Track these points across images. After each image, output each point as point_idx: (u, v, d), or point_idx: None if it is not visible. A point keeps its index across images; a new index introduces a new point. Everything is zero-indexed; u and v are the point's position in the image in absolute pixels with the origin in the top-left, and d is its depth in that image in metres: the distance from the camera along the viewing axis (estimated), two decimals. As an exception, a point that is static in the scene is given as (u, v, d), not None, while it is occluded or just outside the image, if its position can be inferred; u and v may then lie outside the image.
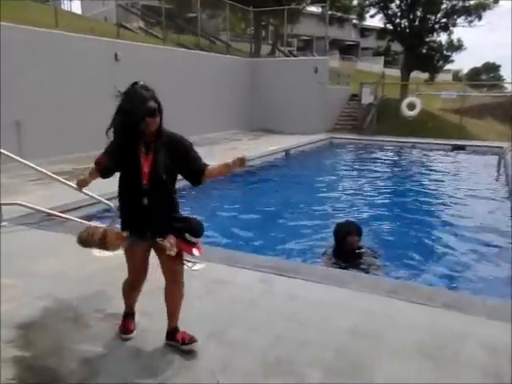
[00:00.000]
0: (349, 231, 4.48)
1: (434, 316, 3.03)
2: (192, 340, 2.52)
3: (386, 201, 7.94)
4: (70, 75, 9.95)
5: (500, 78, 42.07)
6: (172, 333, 2.57)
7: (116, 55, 11.15)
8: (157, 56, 12.70)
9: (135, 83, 2.36)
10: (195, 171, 2.47)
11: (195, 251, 2.44)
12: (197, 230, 2.44)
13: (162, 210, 2.43)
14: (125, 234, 2.46)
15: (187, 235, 2.40)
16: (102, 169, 2.50)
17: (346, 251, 4.46)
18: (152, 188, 2.38)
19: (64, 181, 5.41)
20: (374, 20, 25.24)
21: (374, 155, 13.61)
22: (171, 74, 13.01)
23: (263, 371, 2.39)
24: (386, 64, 33.29)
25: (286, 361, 2.48)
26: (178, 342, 2.52)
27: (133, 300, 2.72)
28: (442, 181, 9.92)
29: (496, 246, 5.39)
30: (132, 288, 2.66)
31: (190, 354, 2.49)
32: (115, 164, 2.45)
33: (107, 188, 6.57)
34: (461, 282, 4.39)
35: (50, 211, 5.24)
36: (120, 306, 3.03)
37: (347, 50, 42.54)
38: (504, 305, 3.33)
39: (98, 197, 5.49)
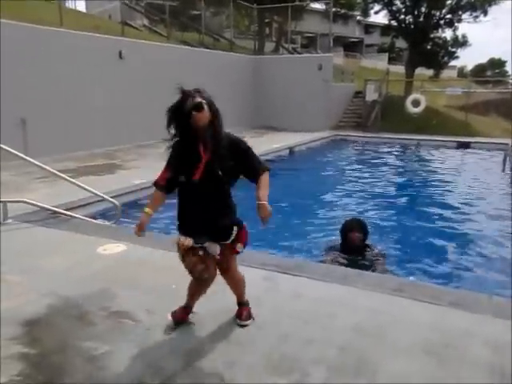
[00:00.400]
0: (351, 228, 4.55)
1: (438, 314, 3.01)
2: (247, 318, 2.80)
3: (391, 198, 7.92)
4: (74, 73, 9.98)
5: (505, 74, 41.79)
6: (238, 306, 2.85)
7: (120, 53, 11.17)
8: (161, 54, 12.71)
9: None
10: (252, 170, 2.57)
11: (239, 247, 2.62)
12: (246, 241, 2.63)
13: (217, 211, 2.50)
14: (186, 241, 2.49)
15: (238, 245, 2.58)
16: (166, 184, 2.52)
17: (350, 247, 4.51)
18: (206, 184, 2.44)
19: (68, 178, 5.44)
20: (379, 16, 25.21)
21: (378, 152, 13.56)
22: (175, 72, 12.99)
23: (268, 369, 2.39)
24: (391, 61, 33.15)
25: (290, 358, 2.48)
26: (237, 317, 2.81)
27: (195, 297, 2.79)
28: (448, 178, 9.87)
29: (502, 244, 5.36)
30: (198, 286, 2.71)
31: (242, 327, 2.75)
32: (177, 170, 2.49)
33: (113, 186, 6.64)
34: (467, 280, 4.37)
35: (55, 209, 5.26)
36: (124, 304, 3.05)
37: (351, 47, 42.39)
38: (509, 303, 3.32)
39: (102, 195, 5.51)
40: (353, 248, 4.50)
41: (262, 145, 12.30)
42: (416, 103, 16.21)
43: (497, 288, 4.11)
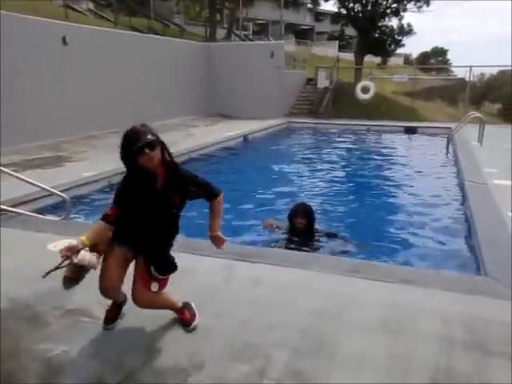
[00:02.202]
0: (295, 213, 4.68)
1: (392, 292, 3.15)
2: (191, 319, 2.64)
3: (343, 183, 8.13)
4: (13, 61, 9.36)
5: (447, 62, 43.74)
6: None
7: (64, 39, 10.62)
8: (108, 40, 12.23)
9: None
10: (206, 193, 2.51)
11: (154, 286, 2.41)
12: (163, 264, 2.42)
13: (159, 234, 2.42)
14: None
15: (152, 268, 2.38)
16: (115, 220, 2.35)
17: (296, 232, 4.65)
18: (157, 217, 2.37)
19: (13, 173, 5.15)
20: (329, 4, 25.43)
21: (330, 138, 13.85)
22: (123, 59, 12.58)
23: (230, 356, 2.40)
24: (341, 48, 33.72)
25: (252, 344, 2.51)
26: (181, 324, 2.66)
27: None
28: (395, 162, 10.26)
29: (446, 222, 5.66)
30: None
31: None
32: (127, 204, 2.36)
33: (61, 179, 6.36)
34: (416, 257, 4.58)
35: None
36: (79, 302, 2.95)
37: (302, 35, 42.69)
38: (456, 276, 3.52)
39: (50, 189, 5.27)
40: (298, 233, 4.63)
41: (216, 133, 12.23)
42: (365, 90, 16.64)
43: (443, 263, 4.35)
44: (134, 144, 2.22)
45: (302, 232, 4.65)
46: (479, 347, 2.49)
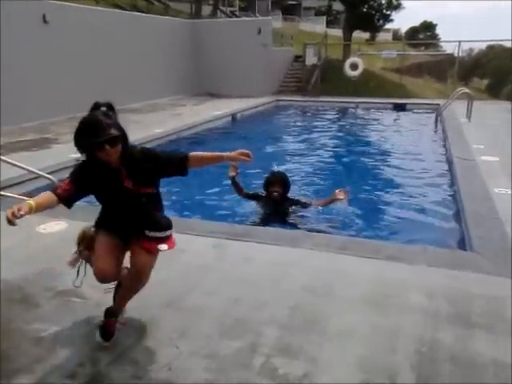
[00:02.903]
0: (272, 182, 4.70)
1: (380, 268, 3.21)
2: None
3: (331, 160, 8.14)
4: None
5: (436, 37, 43.48)
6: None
7: (44, 17, 10.31)
8: (90, 18, 11.90)
9: (96, 107, 2.14)
10: (176, 165, 2.29)
11: (162, 246, 2.27)
12: (156, 223, 2.28)
13: (139, 218, 2.28)
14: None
15: (146, 232, 2.23)
16: (65, 196, 2.17)
17: (271, 201, 4.69)
18: (133, 203, 2.26)
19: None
20: (316, -22, 24.93)
21: (318, 116, 13.79)
22: (106, 38, 12.28)
23: (221, 333, 2.44)
24: (329, 24, 33.28)
25: (243, 322, 2.55)
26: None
27: None
28: (384, 139, 10.28)
29: (433, 198, 5.73)
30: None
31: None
32: (86, 190, 2.25)
33: (48, 161, 6.28)
34: (404, 234, 4.65)
35: (-15, 189, 4.90)
36: (69, 283, 2.94)
37: (289, 10, 41.98)
38: (442, 252, 3.59)
39: (38, 171, 5.21)
40: (274, 202, 4.68)
41: (204, 112, 12.11)
42: (354, 66, 16.51)
43: (430, 239, 4.43)
44: (94, 137, 2.03)
45: (277, 201, 4.68)
46: (463, 320, 2.56)
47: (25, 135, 8.74)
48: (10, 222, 2.02)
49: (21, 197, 5.02)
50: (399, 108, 14.41)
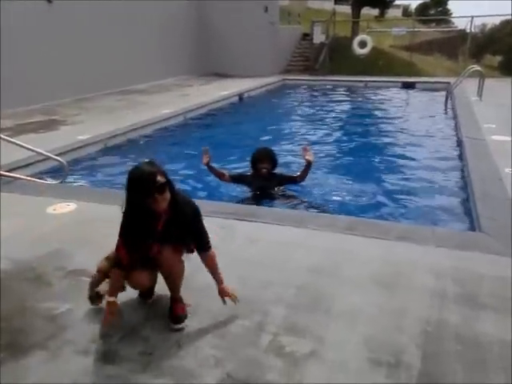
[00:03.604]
0: (260, 158, 4.68)
1: (387, 248, 3.21)
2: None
3: (340, 140, 8.08)
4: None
5: (447, 13, 42.33)
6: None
7: (49, -3, 10.20)
8: (95, -2, 11.74)
9: (140, 164, 2.19)
10: (202, 243, 2.43)
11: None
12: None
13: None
14: None
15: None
16: (129, 265, 2.29)
17: (260, 177, 4.69)
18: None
19: (7, 138, 5.10)
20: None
21: (327, 95, 13.63)
22: (112, 18, 12.14)
23: (230, 312, 2.48)
24: (337, 1, 32.48)
25: (250, 300, 2.58)
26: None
27: None
28: (393, 118, 10.16)
29: (443, 178, 5.69)
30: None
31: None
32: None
33: (57, 143, 6.31)
34: (413, 214, 4.64)
35: (-5, 171, 4.95)
36: (80, 263, 3.01)
37: (297, -13, 40.98)
38: (451, 233, 3.59)
39: (47, 153, 5.24)
40: (262, 178, 4.68)
41: (211, 92, 12.01)
42: (363, 44, 16.23)
43: (439, 219, 4.41)
44: (143, 188, 2.08)
45: (265, 177, 4.68)
46: (470, 301, 2.57)
47: (33, 117, 8.76)
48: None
49: (28, 178, 5.08)
50: (408, 87, 14.18)
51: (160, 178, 2.11)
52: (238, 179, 4.85)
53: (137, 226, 2.23)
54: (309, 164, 4.55)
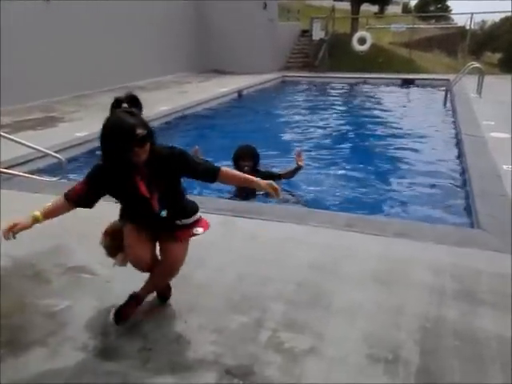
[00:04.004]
0: (241, 155, 4.66)
1: (386, 245, 3.22)
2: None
3: (339, 137, 8.08)
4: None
5: (447, 9, 42.24)
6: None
7: (46, -6, 10.16)
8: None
9: (117, 104, 2.03)
10: (209, 173, 2.22)
11: (198, 229, 2.29)
12: (182, 211, 2.27)
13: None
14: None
15: (176, 222, 2.24)
16: (76, 199, 2.16)
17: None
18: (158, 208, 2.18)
19: (5, 135, 5.10)
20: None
21: (326, 92, 13.63)
22: (110, 15, 12.10)
23: (228, 308, 2.49)
24: (336, -3, 32.43)
25: (249, 297, 2.59)
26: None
27: None
28: (393, 115, 10.16)
29: (441, 175, 5.69)
30: None
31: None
32: (101, 192, 2.16)
33: (55, 140, 6.30)
34: (411, 210, 4.65)
35: (-6, 168, 4.95)
36: (79, 259, 3.01)
37: (296, -17, 40.85)
38: (450, 230, 3.59)
39: (45, 150, 5.24)
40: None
41: (210, 89, 12.00)
42: (362, 41, 16.20)
43: (438, 216, 4.42)
44: (121, 141, 1.93)
45: (248, 174, 4.65)
46: (469, 297, 2.58)
47: (31, 114, 8.75)
48: (5, 237, 2.01)
49: (26, 175, 5.08)
50: (408, 83, 14.18)
51: (140, 131, 1.94)
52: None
53: (112, 176, 2.08)
54: (299, 168, 4.61)
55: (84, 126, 7.22)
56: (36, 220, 2.14)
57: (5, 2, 9.08)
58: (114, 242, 2.37)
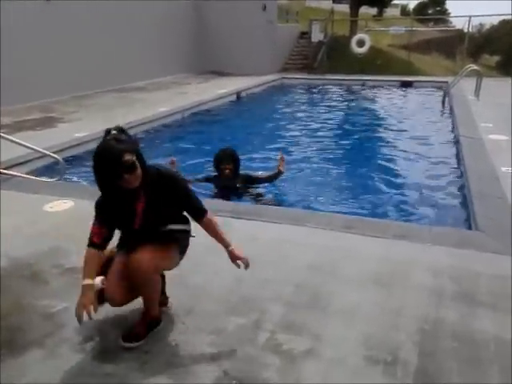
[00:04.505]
0: (222, 159, 4.70)
1: (385, 247, 3.22)
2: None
3: (337, 139, 8.08)
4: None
5: (446, 12, 42.40)
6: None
7: (46, -6, 10.16)
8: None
9: (107, 133, 2.02)
10: (196, 210, 2.26)
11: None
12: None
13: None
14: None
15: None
16: (102, 242, 2.14)
17: (223, 178, 4.71)
18: (144, 231, 2.18)
19: (4, 135, 5.09)
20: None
21: (325, 94, 13.64)
22: (110, 16, 12.10)
23: (226, 310, 2.48)
24: (335, 0, 32.53)
25: (248, 299, 2.59)
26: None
27: None
28: (391, 116, 10.17)
29: (440, 177, 5.70)
30: None
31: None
32: (112, 225, 2.18)
33: (54, 140, 6.29)
34: (410, 212, 4.65)
35: (-8, 168, 4.94)
36: (77, 261, 2.99)
37: (295, -15, 40.91)
38: (448, 231, 3.60)
39: (44, 150, 5.23)
40: (226, 178, 4.70)
41: (209, 90, 12.00)
42: (361, 43, 16.22)
43: (436, 218, 4.42)
44: (109, 170, 1.93)
45: (229, 177, 4.70)
46: (467, 299, 2.58)
47: (30, 114, 8.73)
48: (80, 319, 2.02)
49: (25, 175, 5.07)
50: (406, 86, 14.19)
51: (128, 157, 1.93)
52: (203, 182, 4.88)
53: (112, 206, 2.10)
54: (279, 173, 4.70)
55: (83, 127, 7.21)
56: (92, 286, 2.07)
57: (5, 2, 9.08)
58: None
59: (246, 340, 2.25)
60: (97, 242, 2.12)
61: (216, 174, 4.81)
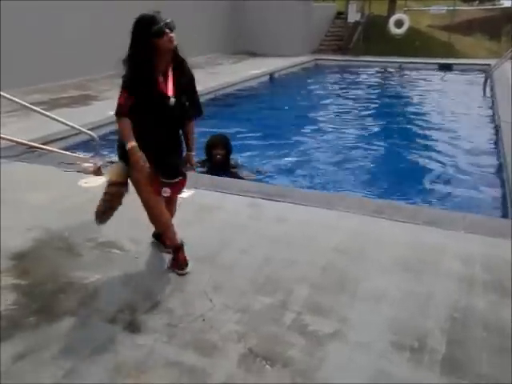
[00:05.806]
0: (214, 144, 4.67)
1: (415, 233, 3.15)
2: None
3: (373, 122, 7.91)
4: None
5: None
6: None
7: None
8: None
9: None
10: (197, 108, 2.60)
11: (165, 191, 2.53)
12: (166, 172, 2.52)
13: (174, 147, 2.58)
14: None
15: (160, 176, 2.50)
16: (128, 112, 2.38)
17: (215, 164, 4.68)
18: (176, 110, 2.43)
19: (44, 112, 5.24)
20: None
21: (360, 76, 13.31)
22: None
23: (253, 289, 2.50)
24: (374, -23, 31.36)
25: (274, 279, 2.60)
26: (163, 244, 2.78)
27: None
28: (429, 101, 9.84)
29: (477, 164, 5.50)
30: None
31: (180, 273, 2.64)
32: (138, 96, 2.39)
33: (89, 118, 6.43)
34: (444, 199, 4.53)
35: (31, 143, 5.10)
36: (110, 235, 3.08)
37: (333, -38, 39.70)
38: (482, 219, 3.48)
39: (79, 127, 5.36)
40: (218, 164, 4.67)
41: (242, 71, 11.92)
42: (399, 24, 15.67)
43: (471, 205, 4.29)
44: (153, 25, 2.23)
45: (220, 163, 4.67)
46: (498, 288, 2.51)
47: (66, 92, 8.93)
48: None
49: (64, 151, 5.21)
50: (446, 69, 13.65)
51: (168, 19, 2.30)
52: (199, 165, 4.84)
53: (143, 70, 2.33)
54: (263, 174, 4.83)
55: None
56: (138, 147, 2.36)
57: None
58: (120, 190, 2.60)
59: (272, 319, 2.27)
60: (126, 112, 2.35)
61: (206, 158, 4.77)
